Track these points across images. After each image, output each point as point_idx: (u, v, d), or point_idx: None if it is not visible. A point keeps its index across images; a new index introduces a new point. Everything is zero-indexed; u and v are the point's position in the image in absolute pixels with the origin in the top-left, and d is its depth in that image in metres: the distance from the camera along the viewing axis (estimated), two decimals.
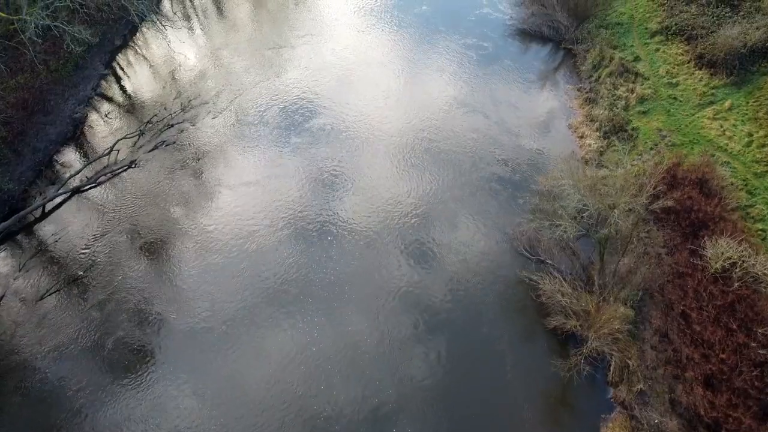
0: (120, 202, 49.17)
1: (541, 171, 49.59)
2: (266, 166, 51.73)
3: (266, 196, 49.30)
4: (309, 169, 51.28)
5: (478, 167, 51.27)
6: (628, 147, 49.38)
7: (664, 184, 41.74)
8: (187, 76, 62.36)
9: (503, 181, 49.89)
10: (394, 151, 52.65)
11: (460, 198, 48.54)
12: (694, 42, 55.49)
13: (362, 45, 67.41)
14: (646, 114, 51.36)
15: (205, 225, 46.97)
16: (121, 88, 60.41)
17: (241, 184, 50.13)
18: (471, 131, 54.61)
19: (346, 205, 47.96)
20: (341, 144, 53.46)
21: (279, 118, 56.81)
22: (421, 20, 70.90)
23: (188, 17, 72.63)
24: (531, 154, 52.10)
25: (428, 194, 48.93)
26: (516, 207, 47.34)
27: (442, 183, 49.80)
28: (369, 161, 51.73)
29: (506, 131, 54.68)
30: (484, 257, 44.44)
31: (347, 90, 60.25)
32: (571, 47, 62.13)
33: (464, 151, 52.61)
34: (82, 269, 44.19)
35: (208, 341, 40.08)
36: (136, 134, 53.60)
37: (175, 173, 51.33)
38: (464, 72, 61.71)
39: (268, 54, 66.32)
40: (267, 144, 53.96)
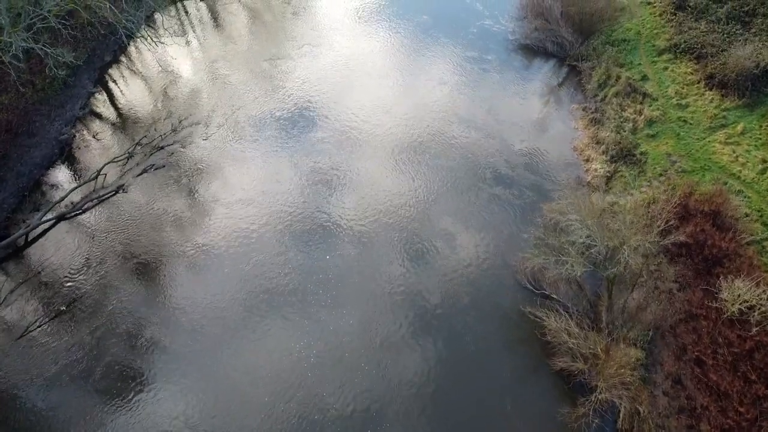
0: (108, 226, 47.26)
1: (546, 197, 47.55)
2: (261, 187, 49.73)
3: (262, 216, 47.41)
4: (307, 189, 49.34)
5: (479, 190, 49.27)
6: (636, 172, 47.39)
7: (675, 216, 39.68)
8: (179, 93, 60.42)
9: (505, 207, 47.88)
10: (394, 169, 50.69)
11: (459, 226, 46.51)
12: (703, 61, 53.53)
13: (362, 56, 65.51)
14: (655, 137, 49.35)
15: (199, 245, 45.29)
16: (111, 107, 58.38)
17: (236, 204, 48.24)
18: (472, 151, 52.60)
19: (346, 239, 45.96)
20: (341, 163, 51.44)
21: (276, 135, 54.82)
22: (422, 31, 68.93)
23: (182, 30, 70.62)
24: (535, 178, 50.05)
25: (426, 219, 46.91)
26: (519, 236, 45.27)
27: (442, 208, 47.77)
28: (368, 182, 49.78)
29: (509, 152, 52.68)
30: (486, 290, 42.40)
31: (347, 104, 58.29)
32: (575, 64, 60.12)
33: (464, 174, 50.57)
34: (66, 303, 42.16)
35: (202, 365, 38.60)
36: (125, 157, 51.56)
37: (165, 196, 49.41)
38: (465, 87, 59.72)
39: (265, 66, 64.40)
40: (262, 163, 52.02)
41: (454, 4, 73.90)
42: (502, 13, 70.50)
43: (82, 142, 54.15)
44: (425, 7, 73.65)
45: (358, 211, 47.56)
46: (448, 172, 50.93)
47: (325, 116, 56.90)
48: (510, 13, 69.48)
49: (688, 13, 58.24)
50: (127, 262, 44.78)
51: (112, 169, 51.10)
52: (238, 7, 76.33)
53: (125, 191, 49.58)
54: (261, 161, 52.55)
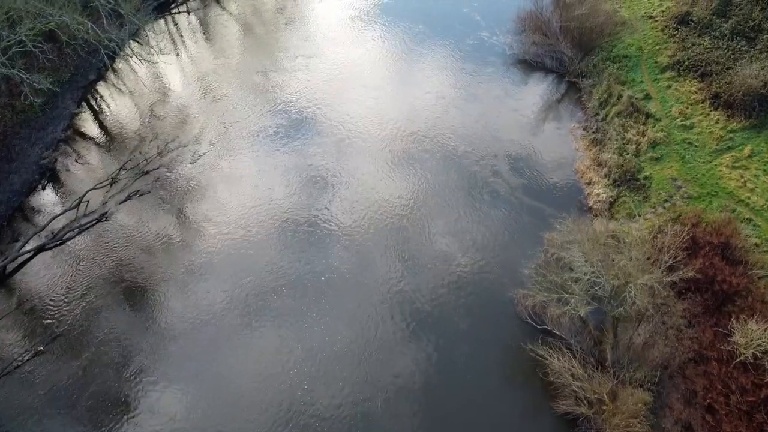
0: (94, 250, 45.55)
1: (546, 224, 45.46)
2: (253, 208, 48.00)
3: (254, 238, 45.90)
4: (300, 211, 47.53)
5: (476, 215, 47.40)
6: (640, 198, 45.55)
7: (683, 248, 37.79)
8: (167, 111, 58.43)
9: (504, 234, 45.96)
10: (388, 189, 48.82)
11: (456, 253, 44.53)
12: (708, 79, 51.70)
13: (356, 68, 63.82)
14: (659, 161, 47.50)
15: (188, 268, 44.00)
16: (95, 128, 56.39)
17: (226, 226, 46.49)
18: (469, 172, 50.84)
19: (342, 269, 44.03)
20: (336, 187, 49.46)
21: (268, 153, 53.16)
22: (418, 42, 67.26)
23: (171, 45, 68.61)
24: (534, 203, 48.10)
25: (421, 246, 44.98)
26: (518, 267, 43.27)
27: (437, 234, 45.83)
28: (363, 205, 47.86)
29: (507, 173, 50.79)
30: (484, 325, 40.44)
31: (342, 119, 56.62)
32: (575, 80, 58.25)
33: (461, 197, 48.78)
34: (46, 341, 40.13)
35: (194, 395, 37.17)
36: (108, 183, 49.48)
37: (153, 218, 47.66)
38: (462, 103, 57.98)
39: (257, 79, 62.66)
40: (254, 183, 50.27)
41: (451, 14, 72.12)
42: (499, 24, 68.69)
43: (64, 166, 52.13)
44: (421, 17, 71.98)
45: (355, 241, 45.63)
46: (443, 194, 49.03)
47: (320, 133, 55.15)
48: (507, 25, 67.53)
49: (691, 29, 56.41)
50: (114, 287, 43.14)
51: (95, 195, 49.04)
52: (229, 19, 74.48)
53: (108, 219, 47.54)
54: (253, 181, 50.76)
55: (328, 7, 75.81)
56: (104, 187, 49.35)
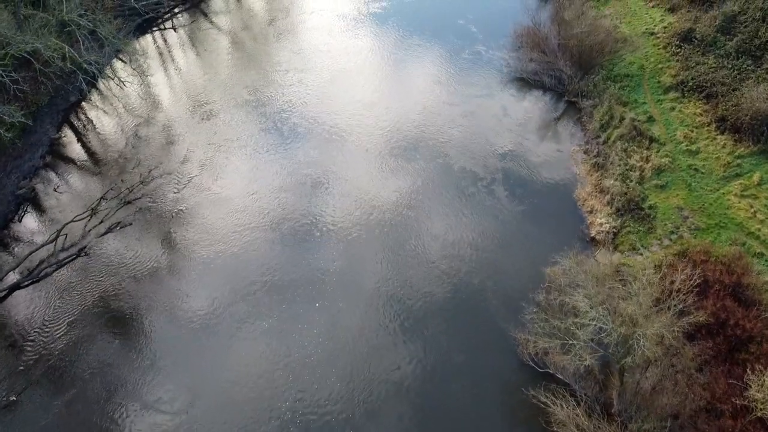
0: (75, 283, 43.50)
1: (547, 254, 43.05)
2: (242, 237, 45.88)
3: (242, 268, 43.95)
4: (291, 246, 45.29)
5: (474, 243, 45.31)
6: (645, 229, 43.50)
7: (692, 288, 35.69)
8: (152, 134, 56.15)
9: (504, 265, 43.81)
10: (379, 223, 46.64)
11: (453, 286, 42.36)
12: (713, 101, 49.75)
13: (349, 81, 61.96)
14: (664, 188, 45.47)
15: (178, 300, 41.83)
16: (75, 154, 54.02)
17: (215, 258, 44.23)
18: (465, 195, 48.84)
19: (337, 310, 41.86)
20: (329, 214, 47.34)
21: (258, 178, 50.87)
22: (412, 57, 65.49)
23: (156, 64, 66.30)
24: (535, 232, 45.95)
25: (416, 274, 42.86)
26: (518, 302, 41.07)
27: (433, 262, 43.72)
28: (356, 236, 45.68)
29: (506, 199, 48.68)
30: (483, 368, 38.24)
31: (337, 138, 54.83)
32: (575, 100, 56.20)
33: (457, 221, 46.75)
34: (19, 391, 37.80)
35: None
36: (87, 215, 47.14)
37: (135, 249, 45.50)
38: (459, 120, 55.94)
39: (247, 96, 60.76)
40: (243, 210, 48.15)
41: (446, 26, 70.11)
42: (495, 38, 66.70)
43: (41, 196, 49.80)
44: (415, 29, 70.20)
45: (351, 276, 43.45)
46: (438, 220, 46.93)
47: (313, 152, 53.16)
48: (504, 40, 65.58)
49: (695, 46, 54.46)
50: (99, 318, 41.21)
51: (75, 228, 46.70)
52: (218, 34, 72.32)
53: (87, 254, 45.24)
54: (243, 203, 48.73)
55: (319, 19, 73.88)
56: (84, 219, 47.03)
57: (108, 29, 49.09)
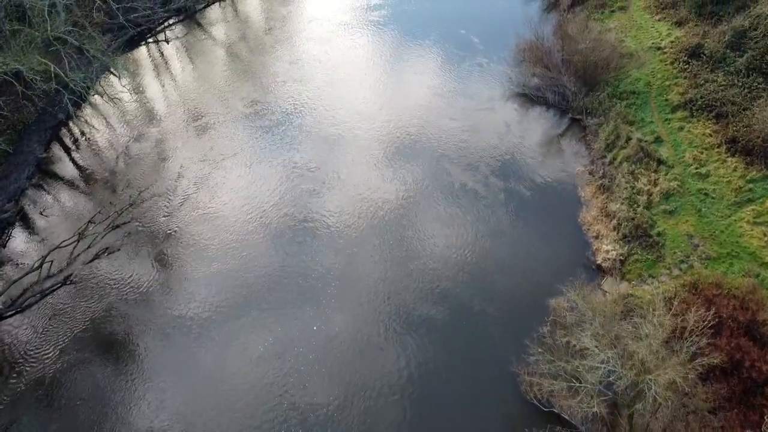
0: (65, 306, 41.95)
1: (551, 285, 41.48)
2: (238, 264, 44.16)
3: (237, 290, 42.29)
4: (289, 271, 43.59)
5: (475, 266, 43.62)
6: (654, 257, 41.72)
7: (706, 330, 33.92)
8: (144, 151, 54.51)
9: (506, 293, 42.01)
10: (377, 247, 44.91)
11: (452, 312, 40.64)
12: (723, 120, 48.00)
13: (348, 92, 60.47)
14: (673, 214, 43.70)
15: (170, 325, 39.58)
16: (62, 175, 52.30)
17: (208, 279, 42.46)
18: (466, 218, 46.94)
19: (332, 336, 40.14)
20: (327, 246, 45.56)
21: (255, 197, 49.25)
22: (412, 70, 63.86)
23: (149, 77, 64.67)
24: (539, 257, 44.11)
25: (413, 312, 41.04)
26: (521, 334, 39.23)
27: (435, 290, 41.98)
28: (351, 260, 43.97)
29: (509, 221, 46.89)
30: (484, 407, 36.54)
31: (335, 156, 53.35)
32: (579, 117, 54.45)
33: (458, 244, 45.06)
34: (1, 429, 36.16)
35: None
36: (74, 240, 45.42)
37: (127, 270, 44.04)
38: (461, 136, 54.15)
39: (244, 109, 59.18)
40: (238, 232, 46.46)
41: (448, 37, 68.61)
42: (497, 50, 65.09)
43: (27, 220, 48.13)
44: (415, 39, 68.80)
45: (348, 306, 41.75)
46: (439, 242, 45.24)
47: (313, 171, 51.67)
48: (506, 52, 63.85)
49: (703, 62, 52.68)
50: (89, 344, 39.72)
51: (61, 253, 44.99)
52: (213, 45, 70.84)
53: (73, 282, 43.53)
54: (237, 226, 47.14)
55: (317, 28, 72.48)
56: (70, 245, 45.31)
57: (96, 46, 47.31)
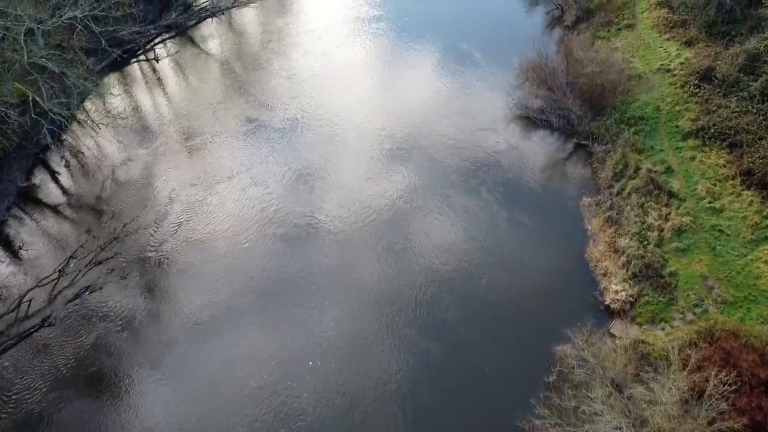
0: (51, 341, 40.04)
1: (556, 328, 38.97)
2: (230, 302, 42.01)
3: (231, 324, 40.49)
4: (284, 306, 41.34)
5: (476, 305, 41.43)
6: (666, 300, 39.37)
7: (725, 386, 31.62)
8: (131, 179, 52.26)
9: (505, 337, 39.66)
10: (372, 277, 42.60)
11: (450, 357, 38.34)
12: (738, 150, 45.71)
13: (345, 109, 58.43)
14: (686, 252, 41.34)
15: None
16: (44, 206, 49.96)
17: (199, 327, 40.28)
18: (465, 251, 44.76)
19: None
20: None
21: (249, 227, 47.03)
22: (410, 87, 61.65)
23: (137, 98, 62.33)
24: (542, 298, 41.68)
25: (411, 353, 38.88)
26: (522, 384, 36.84)
27: (435, 335, 39.71)
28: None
29: (511, 257, 44.58)
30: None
31: (330, 173, 51.64)
32: (585, 143, 52.09)
33: (457, 279, 42.96)
34: None
35: None
36: (54, 278, 43.15)
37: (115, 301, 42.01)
38: (458, 172, 51.62)
39: (237, 129, 57.18)
40: (230, 268, 44.31)
41: (449, 50, 66.52)
42: (500, 68, 62.74)
43: (5, 256, 45.83)
44: (415, 52, 66.83)
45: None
46: (438, 276, 43.08)
47: (311, 198, 49.50)
48: (508, 72, 61.24)
49: (715, 86, 50.32)
50: (77, 381, 37.92)
51: (41, 292, 42.74)
52: (206, 62, 68.62)
53: (52, 324, 41.23)
54: (231, 254, 45.13)
55: (315, 41, 70.26)
56: (50, 283, 43.04)
57: (77, 72, 44.91)
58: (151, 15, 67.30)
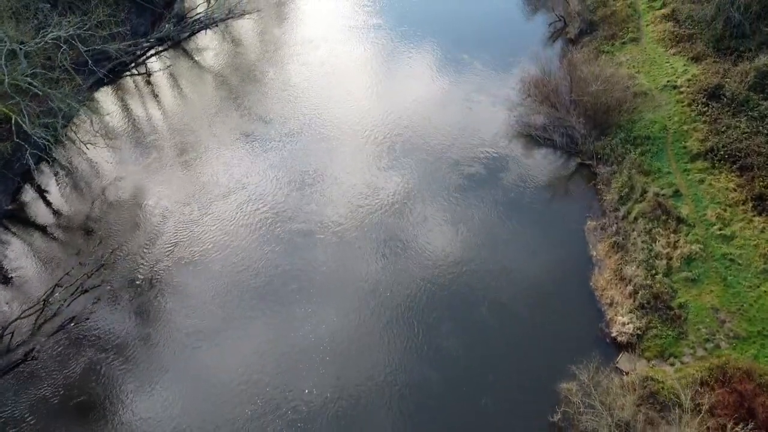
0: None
1: (561, 364, 37.15)
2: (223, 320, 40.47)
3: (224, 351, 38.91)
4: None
5: (477, 338, 39.88)
6: (675, 333, 37.68)
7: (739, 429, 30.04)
8: (121, 199, 50.79)
9: (507, 372, 38.07)
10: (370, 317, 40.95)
11: (450, 391, 36.79)
12: (748, 173, 44.03)
13: (341, 124, 57.00)
14: (696, 283, 39.63)
15: None
16: (29, 231, 48.50)
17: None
18: (464, 284, 43.08)
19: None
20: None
21: (244, 252, 45.51)
22: (411, 96, 59.93)
23: (128, 113, 60.70)
24: (545, 329, 40.03)
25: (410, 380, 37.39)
26: (526, 422, 35.43)
27: (428, 363, 38.13)
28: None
29: (511, 284, 42.93)
30: None
31: (324, 192, 50.27)
32: (589, 163, 50.40)
33: (457, 310, 41.31)
34: None
35: None
36: (38, 309, 41.51)
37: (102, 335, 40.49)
38: (459, 190, 50.09)
39: (231, 145, 55.54)
40: (224, 290, 42.91)
41: (448, 61, 64.95)
42: (501, 80, 61.33)
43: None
44: (415, 62, 65.43)
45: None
46: (437, 314, 41.35)
47: (302, 199, 48.86)
48: (511, 87, 59.75)
49: (724, 105, 48.65)
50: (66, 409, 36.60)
51: (24, 323, 41.12)
52: (200, 76, 67.08)
53: (35, 358, 39.58)
54: (225, 276, 43.76)
55: (312, 52, 68.76)
56: (34, 314, 41.40)
57: (64, 92, 43.19)
58: (143, 27, 65.71)
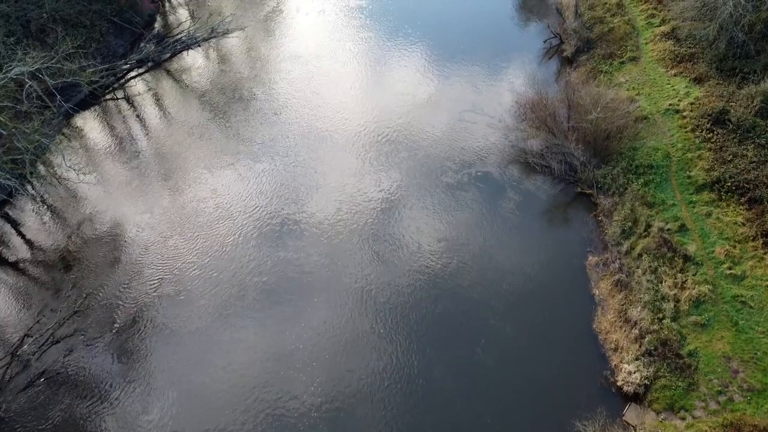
0: None
1: (562, 417, 35.02)
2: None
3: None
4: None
5: (472, 389, 37.32)
6: (686, 385, 35.35)
7: None
8: (97, 236, 48.17)
9: (506, 420, 35.79)
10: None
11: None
12: (758, 207, 41.82)
13: (330, 148, 55.15)
14: (706, 328, 37.33)
15: None
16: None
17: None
18: (458, 322, 40.67)
19: None
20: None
21: (226, 301, 42.83)
22: (396, 122, 57.58)
23: (105, 141, 58.11)
24: (544, 380, 37.53)
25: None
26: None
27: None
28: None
29: (506, 325, 40.61)
30: None
31: (318, 225, 47.90)
32: (589, 192, 48.12)
33: (450, 356, 38.61)
34: None
35: None
36: (6, 362, 38.87)
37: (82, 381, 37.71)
38: (452, 223, 47.62)
39: (218, 166, 53.54)
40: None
41: (441, 79, 62.86)
42: (496, 100, 59.17)
43: None
44: (404, 81, 63.17)
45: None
46: (429, 359, 38.97)
47: (292, 233, 45.26)
48: (505, 108, 57.54)
49: (729, 132, 46.43)
50: None
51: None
52: (183, 99, 64.42)
53: (2, 418, 36.93)
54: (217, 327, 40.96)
55: (302, 68, 66.52)
56: (2, 368, 38.78)
57: (32, 127, 40.62)
58: (121, 49, 63.08)
